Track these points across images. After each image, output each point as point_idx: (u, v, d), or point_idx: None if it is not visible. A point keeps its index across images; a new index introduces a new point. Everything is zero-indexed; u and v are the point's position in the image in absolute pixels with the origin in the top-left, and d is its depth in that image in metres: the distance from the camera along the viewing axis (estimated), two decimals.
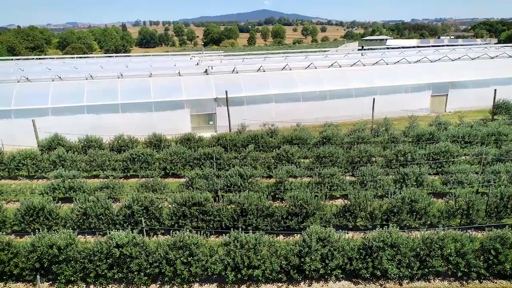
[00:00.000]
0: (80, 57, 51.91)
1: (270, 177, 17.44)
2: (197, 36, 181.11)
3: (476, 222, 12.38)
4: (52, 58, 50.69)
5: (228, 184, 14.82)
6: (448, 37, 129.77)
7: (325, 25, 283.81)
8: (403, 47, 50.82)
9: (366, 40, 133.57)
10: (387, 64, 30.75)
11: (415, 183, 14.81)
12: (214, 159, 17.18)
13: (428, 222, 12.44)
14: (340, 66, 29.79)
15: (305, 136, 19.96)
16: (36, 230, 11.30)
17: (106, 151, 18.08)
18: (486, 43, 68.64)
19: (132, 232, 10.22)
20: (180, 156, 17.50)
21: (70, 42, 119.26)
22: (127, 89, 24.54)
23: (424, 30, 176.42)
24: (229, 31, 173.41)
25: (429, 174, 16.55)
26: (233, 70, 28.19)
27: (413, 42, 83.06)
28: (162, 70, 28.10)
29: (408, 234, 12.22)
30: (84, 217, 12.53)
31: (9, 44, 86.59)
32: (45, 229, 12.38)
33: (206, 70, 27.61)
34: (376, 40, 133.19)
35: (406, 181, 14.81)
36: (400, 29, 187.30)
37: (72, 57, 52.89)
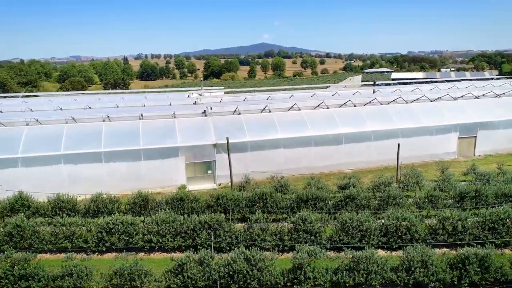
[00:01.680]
0: (74, 93, 49.11)
1: (284, 250, 13.85)
2: (198, 69, 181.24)
3: None
4: (44, 94, 47.92)
5: (231, 272, 11.14)
6: (449, 69, 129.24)
7: (324, 58, 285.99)
8: (416, 82, 48.18)
9: (367, 72, 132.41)
10: (406, 102, 27.71)
11: (478, 269, 11.19)
12: (212, 231, 13.55)
13: None
14: (355, 105, 26.69)
15: (323, 194, 16.41)
16: None
17: (77, 219, 14.49)
18: (500, 77, 66.52)
19: None
20: (169, 226, 13.89)
21: (71, 75, 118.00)
22: (113, 134, 21.26)
23: (424, 63, 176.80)
24: (229, 64, 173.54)
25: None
26: (235, 110, 25.08)
27: (419, 75, 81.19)
28: (155, 110, 24.98)
29: None
30: None
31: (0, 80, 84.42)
32: None
33: (204, 111, 24.51)
34: (377, 72, 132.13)
35: (467, 267, 11.18)
36: (399, 62, 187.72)
37: (64, 94, 50.16)
